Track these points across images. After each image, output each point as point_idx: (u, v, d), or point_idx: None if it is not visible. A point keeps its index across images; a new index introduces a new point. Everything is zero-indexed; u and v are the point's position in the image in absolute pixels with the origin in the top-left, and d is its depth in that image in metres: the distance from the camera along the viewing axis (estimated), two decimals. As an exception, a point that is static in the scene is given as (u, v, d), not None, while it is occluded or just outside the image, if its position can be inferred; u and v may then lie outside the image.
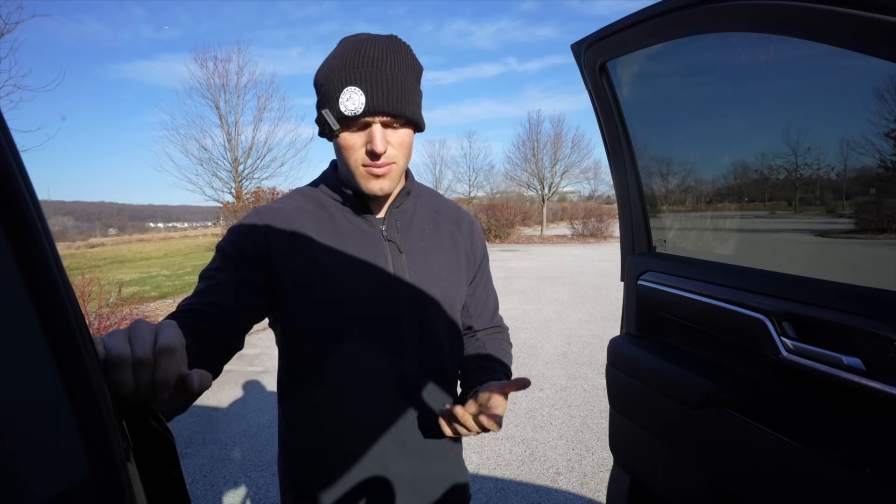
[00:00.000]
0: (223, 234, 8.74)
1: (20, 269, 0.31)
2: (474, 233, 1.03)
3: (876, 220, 0.94)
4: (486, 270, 1.07)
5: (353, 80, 0.75)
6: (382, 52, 0.77)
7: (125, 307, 5.83)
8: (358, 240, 0.88)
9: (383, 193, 0.83)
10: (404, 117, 0.78)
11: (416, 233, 0.93)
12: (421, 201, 0.98)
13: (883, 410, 0.77)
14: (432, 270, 0.92)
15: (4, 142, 0.31)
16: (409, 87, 0.78)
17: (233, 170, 15.25)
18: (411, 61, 0.81)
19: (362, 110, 0.75)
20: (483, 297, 1.06)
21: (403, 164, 0.84)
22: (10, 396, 0.32)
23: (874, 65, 0.72)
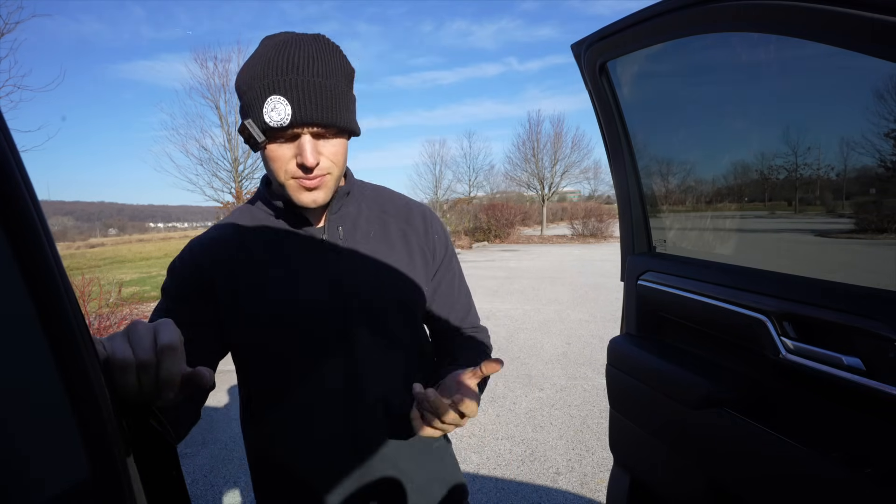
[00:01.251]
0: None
1: (20, 269, 0.31)
2: (430, 227, 0.94)
3: (876, 220, 0.94)
4: (452, 268, 0.97)
5: (277, 88, 0.69)
6: (308, 55, 0.71)
7: (125, 307, 5.83)
8: (298, 254, 0.83)
9: (317, 206, 0.78)
10: (336, 126, 0.73)
11: (361, 237, 0.87)
12: (365, 201, 0.91)
13: (883, 410, 0.77)
14: (381, 274, 0.86)
15: (4, 142, 0.31)
16: (340, 92, 0.72)
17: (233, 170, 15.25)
18: (341, 64, 0.74)
19: (289, 121, 0.69)
20: (450, 296, 0.96)
21: (338, 174, 0.78)
22: (10, 396, 0.32)
23: (874, 65, 0.72)
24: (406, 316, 0.88)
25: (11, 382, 0.32)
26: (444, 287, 0.96)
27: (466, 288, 1.01)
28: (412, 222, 0.93)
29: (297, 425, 0.85)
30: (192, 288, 0.81)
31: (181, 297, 0.81)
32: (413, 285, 0.89)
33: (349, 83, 0.76)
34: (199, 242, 0.85)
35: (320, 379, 0.84)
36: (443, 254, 0.95)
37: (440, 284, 0.95)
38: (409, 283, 0.88)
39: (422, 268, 0.91)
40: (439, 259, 0.94)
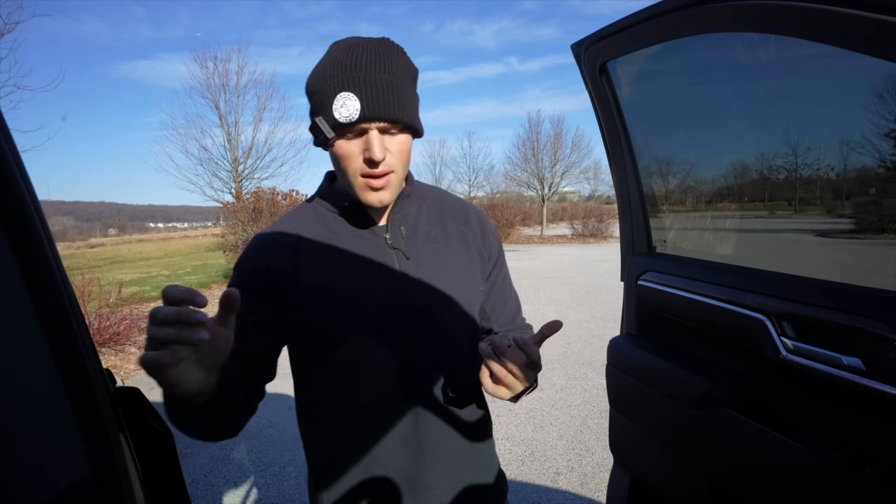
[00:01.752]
0: (223, 234, 8.75)
1: (20, 269, 0.31)
2: (485, 228, 0.96)
3: (876, 220, 0.94)
4: (504, 268, 1.00)
5: (347, 85, 0.72)
6: (375, 55, 0.74)
7: (125, 307, 5.83)
8: (362, 252, 0.85)
9: (382, 205, 0.80)
10: (402, 122, 0.75)
11: (422, 236, 0.88)
12: (425, 202, 0.93)
13: (883, 410, 0.77)
14: (444, 274, 0.87)
15: (4, 142, 0.31)
16: (405, 90, 0.75)
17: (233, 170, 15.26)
18: (406, 64, 0.77)
19: (357, 116, 0.71)
20: (502, 296, 0.99)
21: (402, 173, 0.80)
22: (11, 396, 0.32)
23: (874, 65, 0.72)
24: (464, 315, 0.89)
25: (11, 382, 0.32)
26: (498, 287, 0.98)
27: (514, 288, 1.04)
28: (469, 223, 0.94)
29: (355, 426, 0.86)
30: (256, 288, 0.82)
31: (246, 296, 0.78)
32: (471, 285, 0.91)
33: (413, 83, 0.79)
34: (263, 241, 0.85)
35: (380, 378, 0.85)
36: (497, 254, 0.98)
37: (494, 284, 0.97)
38: (467, 283, 0.90)
39: (479, 268, 0.93)
40: (494, 259, 0.97)
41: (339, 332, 0.83)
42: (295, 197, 8.56)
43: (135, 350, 5.11)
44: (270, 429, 3.31)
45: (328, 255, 0.84)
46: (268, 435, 3.22)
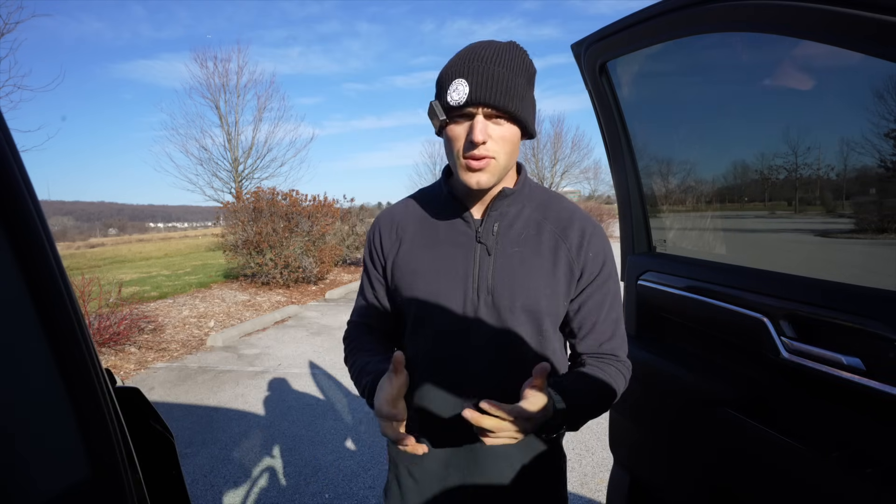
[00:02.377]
0: (223, 234, 8.74)
1: (20, 269, 0.31)
2: (586, 243, 0.90)
3: (876, 220, 0.94)
4: (604, 290, 0.92)
5: (462, 73, 0.78)
6: (494, 50, 0.80)
7: (125, 307, 5.83)
8: (451, 240, 0.90)
9: (479, 187, 0.83)
10: (507, 111, 0.78)
11: (513, 236, 0.89)
12: (531, 203, 0.93)
13: (883, 410, 0.77)
14: (518, 276, 0.87)
15: (4, 142, 0.31)
16: (517, 85, 0.79)
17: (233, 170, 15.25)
18: (523, 62, 0.82)
19: (465, 100, 0.77)
20: (591, 317, 0.92)
21: (504, 161, 0.82)
22: (10, 396, 0.31)
23: (874, 65, 0.72)
24: (532, 323, 0.88)
25: (11, 382, 0.32)
26: (589, 307, 0.92)
27: (617, 314, 0.95)
28: (568, 234, 0.90)
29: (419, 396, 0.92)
30: (371, 258, 0.99)
31: (369, 267, 1.00)
32: (547, 295, 0.88)
33: (529, 82, 0.83)
34: (382, 215, 1.00)
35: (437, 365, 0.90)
36: (595, 273, 0.91)
37: (585, 303, 0.91)
38: (543, 292, 0.87)
39: (564, 282, 0.89)
40: (589, 277, 0.91)
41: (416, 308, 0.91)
42: (295, 197, 8.56)
43: (135, 350, 5.11)
44: (270, 428, 3.31)
45: (423, 236, 0.93)
46: (268, 435, 3.22)
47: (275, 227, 8.01)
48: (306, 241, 8.40)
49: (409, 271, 0.92)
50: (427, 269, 0.90)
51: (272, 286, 8.26)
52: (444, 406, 0.90)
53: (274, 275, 8.09)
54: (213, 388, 4.12)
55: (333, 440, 3.08)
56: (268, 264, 8.04)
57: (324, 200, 8.88)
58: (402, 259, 0.93)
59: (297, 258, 8.16)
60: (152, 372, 4.63)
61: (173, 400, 3.91)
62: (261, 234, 7.94)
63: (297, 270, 8.24)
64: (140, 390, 0.63)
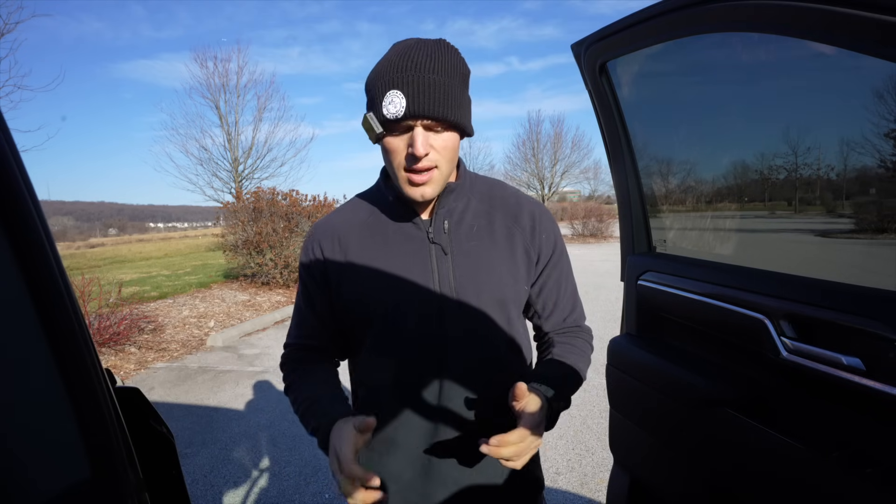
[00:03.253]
0: (223, 234, 8.75)
1: (20, 269, 0.31)
2: (538, 226, 0.93)
3: (876, 220, 0.94)
4: (559, 267, 0.96)
5: (396, 83, 0.75)
6: (426, 56, 0.76)
7: (125, 307, 5.83)
8: (403, 246, 0.87)
9: (424, 200, 0.82)
10: (446, 121, 0.77)
11: (465, 231, 0.89)
12: (475, 195, 0.93)
13: (883, 410, 0.77)
14: (479, 270, 0.87)
15: (4, 142, 0.31)
16: (453, 90, 0.77)
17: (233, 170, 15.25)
18: (457, 65, 0.79)
19: (403, 113, 0.74)
20: (553, 295, 0.96)
21: (447, 169, 0.82)
22: (11, 396, 0.32)
23: (874, 65, 0.72)
24: (501, 313, 0.89)
25: (12, 382, 0.32)
26: (549, 287, 0.96)
27: (573, 287, 1.01)
28: (520, 220, 0.92)
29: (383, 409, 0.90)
30: (311, 273, 0.93)
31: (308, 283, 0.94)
32: (511, 284, 0.89)
33: (464, 83, 0.81)
34: (319, 226, 0.94)
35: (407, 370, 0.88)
36: (549, 254, 0.94)
37: (546, 283, 0.95)
38: (506, 282, 0.89)
39: (524, 267, 0.91)
40: (545, 258, 0.94)
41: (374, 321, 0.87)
42: (295, 197, 8.56)
43: (135, 350, 5.11)
44: (270, 428, 3.31)
45: (372, 245, 0.88)
46: (268, 435, 3.22)
47: (275, 227, 8.01)
48: (306, 241, 8.39)
49: (362, 283, 0.87)
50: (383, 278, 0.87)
51: (272, 286, 8.26)
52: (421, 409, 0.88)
53: (274, 275, 8.10)
54: (213, 388, 4.12)
55: (333, 440, 3.08)
56: (268, 264, 8.05)
57: (324, 200, 8.88)
58: (351, 272, 0.88)
59: (297, 258, 8.16)
60: (152, 372, 4.63)
61: (173, 400, 3.91)
62: (261, 234, 7.94)
63: (297, 270, 8.24)
64: (140, 390, 0.63)
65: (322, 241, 0.91)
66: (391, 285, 0.86)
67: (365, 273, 0.87)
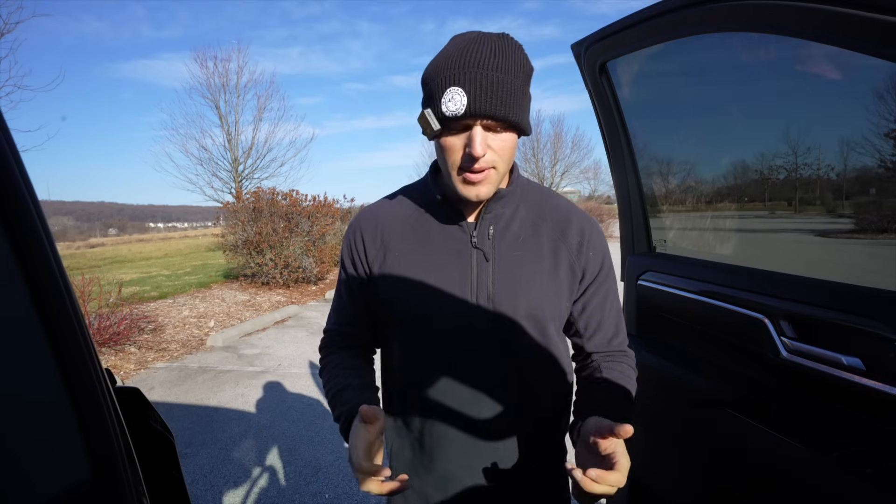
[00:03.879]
0: (223, 234, 8.75)
1: (20, 269, 0.31)
2: (586, 243, 0.89)
3: (876, 220, 0.94)
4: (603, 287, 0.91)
5: (457, 80, 0.72)
6: (490, 52, 0.73)
7: (125, 307, 5.83)
8: (445, 247, 0.85)
9: (479, 200, 0.79)
10: (507, 121, 0.74)
11: (510, 239, 0.86)
12: (525, 204, 0.90)
13: (883, 410, 0.77)
14: (519, 282, 0.84)
15: (4, 142, 0.31)
16: (515, 89, 0.74)
17: (233, 170, 15.25)
18: (520, 63, 0.76)
19: (464, 112, 0.72)
20: (596, 316, 0.91)
21: (503, 170, 0.79)
22: (11, 396, 0.31)
23: (874, 65, 0.72)
24: (537, 328, 0.86)
25: (12, 382, 0.32)
26: (594, 306, 0.91)
27: (618, 309, 0.96)
28: (567, 235, 0.88)
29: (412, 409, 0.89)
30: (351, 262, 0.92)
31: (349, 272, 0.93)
32: (551, 300, 0.86)
33: (526, 82, 0.78)
34: (364, 215, 0.92)
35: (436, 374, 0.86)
36: (595, 272, 0.90)
37: (589, 303, 0.91)
38: (547, 297, 0.85)
39: (566, 284, 0.88)
40: (591, 276, 0.90)
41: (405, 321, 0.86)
42: (295, 197, 8.56)
43: (135, 350, 5.11)
44: (270, 428, 3.31)
45: (413, 243, 0.87)
46: (268, 435, 3.22)
47: (275, 227, 8.01)
48: (306, 241, 8.40)
49: (399, 282, 0.86)
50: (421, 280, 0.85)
51: (272, 286, 8.26)
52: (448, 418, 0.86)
53: (274, 275, 8.10)
54: (213, 388, 4.12)
55: (333, 440, 3.08)
56: (268, 264, 8.05)
57: (324, 200, 8.88)
58: (389, 269, 0.87)
59: (297, 258, 8.16)
60: (152, 372, 4.63)
61: (173, 400, 3.91)
62: (261, 234, 7.94)
63: (297, 270, 8.25)
64: (140, 390, 0.63)
65: (364, 231, 0.90)
66: (427, 286, 0.84)
67: (403, 270, 0.86)
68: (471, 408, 0.85)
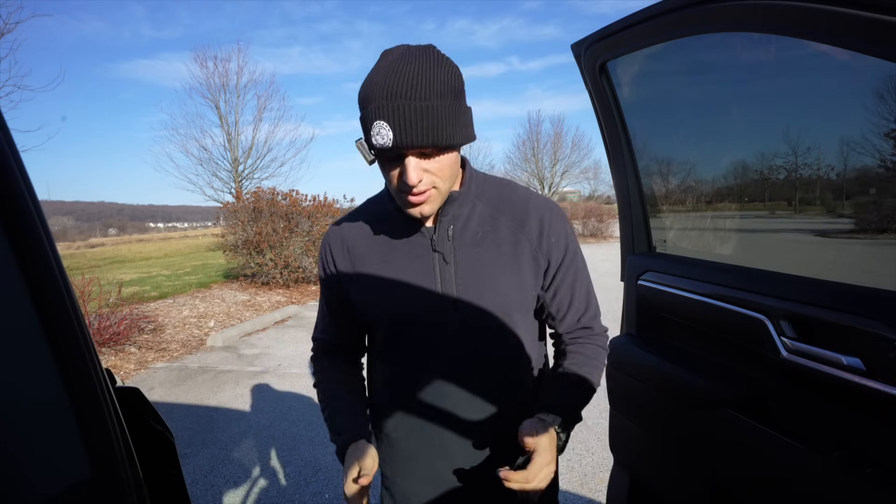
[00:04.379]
0: (223, 234, 8.75)
1: (20, 269, 0.31)
2: (546, 230, 0.89)
3: (876, 220, 0.94)
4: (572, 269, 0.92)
5: (381, 114, 0.72)
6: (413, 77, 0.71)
7: (125, 307, 5.83)
8: (407, 254, 0.88)
9: (423, 216, 0.82)
10: (437, 146, 0.74)
11: (469, 238, 0.87)
12: (482, 200, 0.90)
13: (883, 410, 0.77)
14: (482, 279, 0.86)
15: (4, 142, 0.31)
16: (441, 113, 0.72)
17: (233, 170, 15.25)
18: (446, 81, 0.73)
19: (391, 145, 0.73)
20: (566, 298, 0.93)
21: (445, 187, 0.81)
22: (11, 396, 0.31)
23: (874, 65, 0.72)
24: (505, 320, 0.88)
25: (12, 382, 0.32)
26: (563, 289, 0.93)
27: (587, 286, 0.97)
28: (526, 226, 0.89)
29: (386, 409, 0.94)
30: (325, 277, 0.97)
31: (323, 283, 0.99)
32: (516, 291, 0.87)
33: (456, 99, 0.75)
34: (331, 231, 0.97)
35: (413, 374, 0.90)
36: (560, 257, 0.91)
37: (560, 287, 0.92)
38: (511, 289, 0.87)
39: (530, 274, 0.89)
40: (556, 263, 0.91)
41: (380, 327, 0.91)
42: (295, 197, 8.56)
43: (135, 350, 5.11)
44: (270, 428, 3.31)
45: (378, 254, 0.90)
46: (268, 435, 3.22)
47: (275, 227, 8.01)
48: (306, 241, 8.40)
49: (368, 291, 0.90)
50: (388, 287, 0.88)
51: (272, 286, 8.26)
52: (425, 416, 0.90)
53: (274, 275, 8.10)
54: (213, 388, 4.12)
55: (333, 440, 3.09)
56: (268, 264, 8.05)
57: (324, 200, 8.89)
58: (358, 279, 0.91)
59: (297, 258, 8.16)
60: (152, 372, 4.63)
61: (173, 400, 3.91)
62: (261, 234, 7.94)
63: (297, 270, 8.25)
64: (140, 390, 0.63)
65: (332, 248, 0.94)
66: (396, 294, 0.87)
67: (371, 281, 0.89)
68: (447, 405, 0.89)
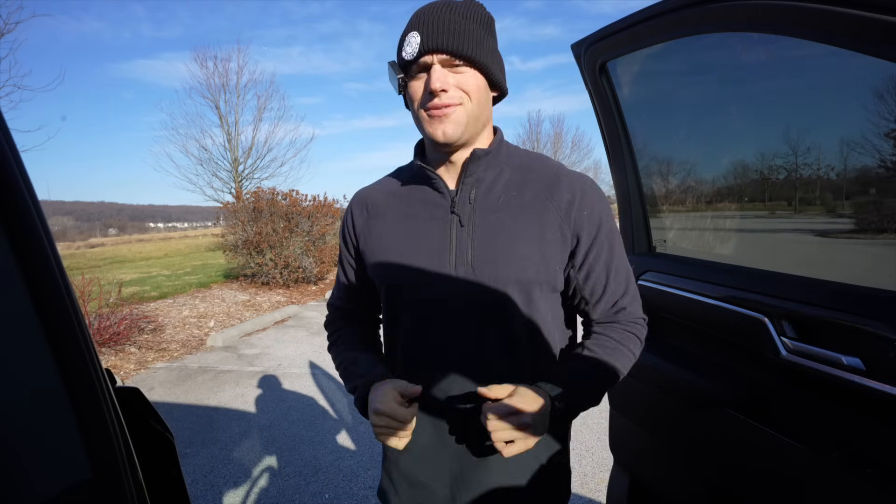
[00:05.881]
0: (223, 234, 8.75)
1: (20, 269, 0.31)
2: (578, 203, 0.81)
3: (876, 220, 0.94)
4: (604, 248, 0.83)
5: (413, 26, 0.76)
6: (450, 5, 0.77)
7: (125, 307, 5.83)
8: (426, 215, 0.84)
9: (446, 139, 0.76)
10: (463, 55, 0.73)
11: (492, 203, 0.82)
12: (509, 166, 0.85)
13: (883, 410, 0.77)
14: (499, 247, 0.79)
15: (4, 142, 0.31)
16: (471, 30, 0.75)
17: (233, 170, 15.24)
18: (477, 12, 0.78)
19: (418, 50, 0.74)
20: (600, 280, 0.84)
21: (472, 109, 0.77)
22: (11, 396, 0.31)
23: (874, 65, 0.72)
24: (521, 293, 0.80)
25: (12, 382, 0.32)
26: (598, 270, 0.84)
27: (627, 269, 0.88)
28: (556, 195, 0.81)
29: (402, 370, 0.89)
30: (344, 238, 0.96)
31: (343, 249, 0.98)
32: (537, 263, 0.80)
33: (484, 29, 0.78)
34: (356, 195, 0.96)
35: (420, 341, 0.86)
36: (593, 233, 0.82)
37: (594, 266, 0.84)
38: (531, 260, 0.80)
39: (557, 246, 0.81)
40: (588, 239, 0.82)
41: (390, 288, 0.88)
42: (295, 197, 8.56)
43: (135, 350, 5.11)
44: (270, 429, 3.31)
45: (397, 213, 0.88)
46: (268, 435, 3.22)
47: (275, 227, 8.01)
48: (306, 241, 8.40)
49: (381, 250, 0.87)
50: (400, 247, 0.85)
51: (272, 286, 8.26)
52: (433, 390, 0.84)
53: (274, 275, 8.10)
54: (213, 388, 4.12)
55: (333, 440, 3.08)
56: (268, 264, 8.05)
57: (324, 200, 8.88)
58: (374, 238, 0.89)
59: (297, 258, 8.16)
60: (152, 372, 4.63)
61: (173, 400, 3.91)
62: (261, 234, 7.94)
63: (297, 270, 8.25)
64: (140, 390, 0.63)
65: (354, 208, 0.94)
66: (406, 253, 0.84)
67: (386, 239, 0.87)
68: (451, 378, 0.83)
